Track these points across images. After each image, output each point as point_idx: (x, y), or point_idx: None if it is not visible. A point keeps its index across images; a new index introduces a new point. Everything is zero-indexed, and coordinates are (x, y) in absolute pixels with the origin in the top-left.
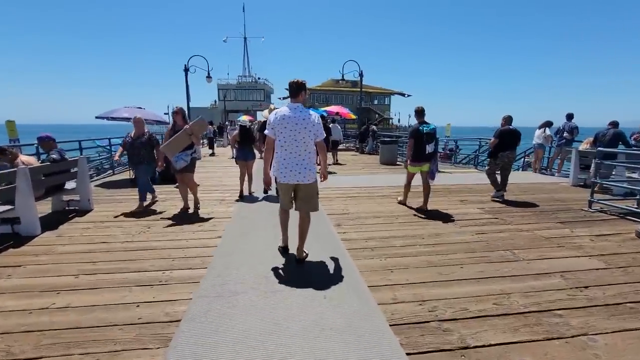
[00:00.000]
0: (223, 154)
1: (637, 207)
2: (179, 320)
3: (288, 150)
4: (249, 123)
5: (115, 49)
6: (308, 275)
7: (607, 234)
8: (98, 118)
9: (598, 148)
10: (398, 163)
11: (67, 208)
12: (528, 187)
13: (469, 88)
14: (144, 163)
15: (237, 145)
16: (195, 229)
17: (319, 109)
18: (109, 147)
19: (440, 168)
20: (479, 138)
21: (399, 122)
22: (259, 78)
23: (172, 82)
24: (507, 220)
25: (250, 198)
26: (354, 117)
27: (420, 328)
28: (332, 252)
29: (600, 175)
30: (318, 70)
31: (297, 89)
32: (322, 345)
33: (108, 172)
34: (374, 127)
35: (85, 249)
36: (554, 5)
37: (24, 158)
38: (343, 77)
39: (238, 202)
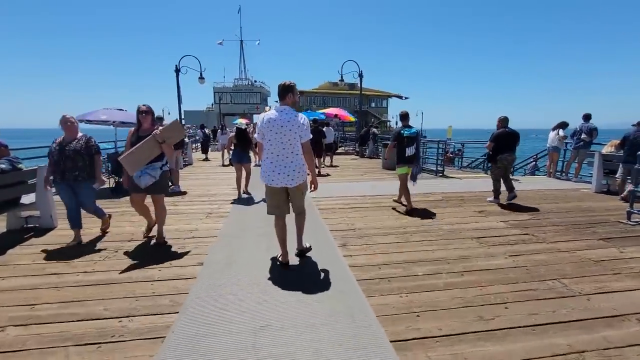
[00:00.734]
0: (217, 159)
1: None
2: None
3: (275, 153)
4: (245, 125)
5: (109, 51)
6: (313, 328)
7: None
8: None
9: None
10: None
11: (25, 226)
12: (548, 193)
13: (469, 90)
14: (84, 179)
15: (233, 148)
16: (172, 255)
17: (317, 112)
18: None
19: (447, 173)
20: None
21: (397, 124)
22: (256, 81)
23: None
24: (540, 237)
25: (245, 203)
26: (353, 119)
27: None
28: (339, 284)
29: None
30: (315, 73)
31: (284, 91)
32: None
33: None
34: (375, 129)
35: (29, 284)
36: (554, 7)
37: None
38: (342, 77)
39: (234, 203)
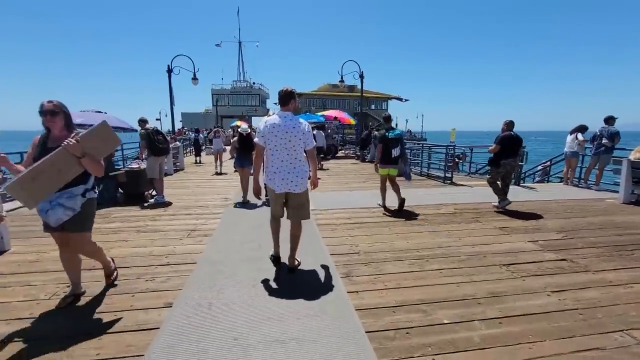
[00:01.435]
0: (211, 163)
1: None
2: None
3: (279, 159)
4: (248, 130)
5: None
6: None
7: None
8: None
9: None
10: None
11: None
12: (572, 204)
13: (469, 92)
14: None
15: (236, 153)
16: (139, 290)
17: (316, 114)
18: None
19: (456, 180)
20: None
21: (396, 126)
22: (254, 83)
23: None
24: (581, 264)
25: (237, 215)
26: (353, 122)
27: None
28: (343, 339)
29: None
30: (314, 75)
31: (286, 98)
32: None
33: None
34: (377, 132)
35: None
36: (554, 8)
37: None
38: (342, 78)
39: (225, 214)
